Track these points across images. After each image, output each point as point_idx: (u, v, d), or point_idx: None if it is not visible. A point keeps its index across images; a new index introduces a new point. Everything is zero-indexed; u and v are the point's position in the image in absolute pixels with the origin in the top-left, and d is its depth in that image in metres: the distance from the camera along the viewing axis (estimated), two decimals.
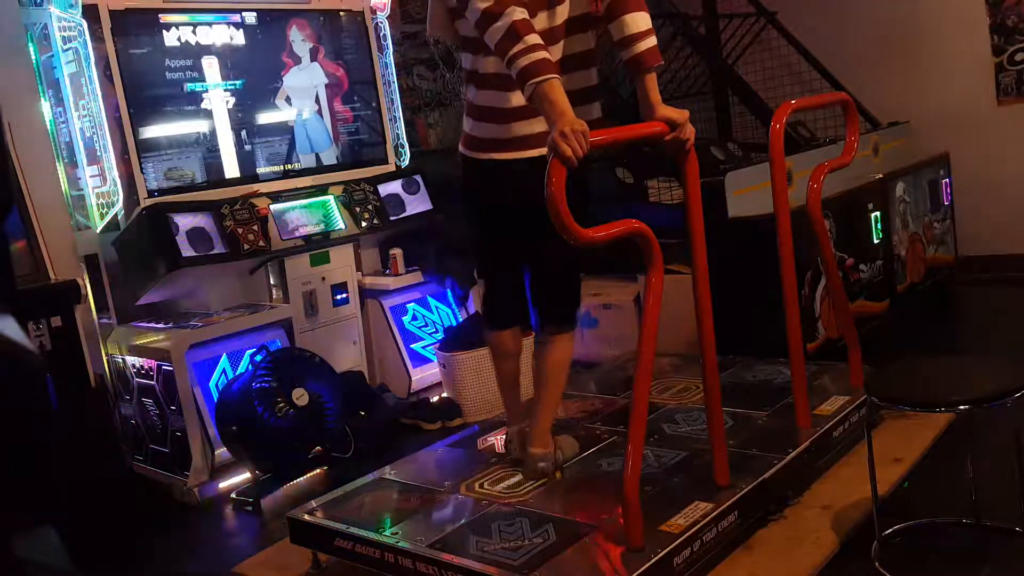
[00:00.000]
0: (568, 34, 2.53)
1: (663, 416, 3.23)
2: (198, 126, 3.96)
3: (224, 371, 3.81)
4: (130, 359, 3.79)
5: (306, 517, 2.78)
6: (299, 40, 4.35)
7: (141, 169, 3.75)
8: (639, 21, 2.44)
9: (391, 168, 4.65)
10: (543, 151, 2.37)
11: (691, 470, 2.74)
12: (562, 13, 2.47)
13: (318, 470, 3.71)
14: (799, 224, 3.09)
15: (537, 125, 2.44)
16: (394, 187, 4.50)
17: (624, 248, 2.47)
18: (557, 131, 2.07)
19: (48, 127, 3.79)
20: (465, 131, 2.68)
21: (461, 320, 4.55)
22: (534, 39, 2.19)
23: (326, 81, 4.46)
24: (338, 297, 4.22)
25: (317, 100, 4.43)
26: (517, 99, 2.42)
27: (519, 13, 2.23)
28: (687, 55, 5.37)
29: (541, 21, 2.43)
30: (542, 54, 2.18)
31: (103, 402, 3.72)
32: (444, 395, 4.24)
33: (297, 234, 4.04)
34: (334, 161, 4.46)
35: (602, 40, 2.67)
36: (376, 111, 4.64)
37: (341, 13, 4.52)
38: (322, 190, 4.24)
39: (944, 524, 2.58)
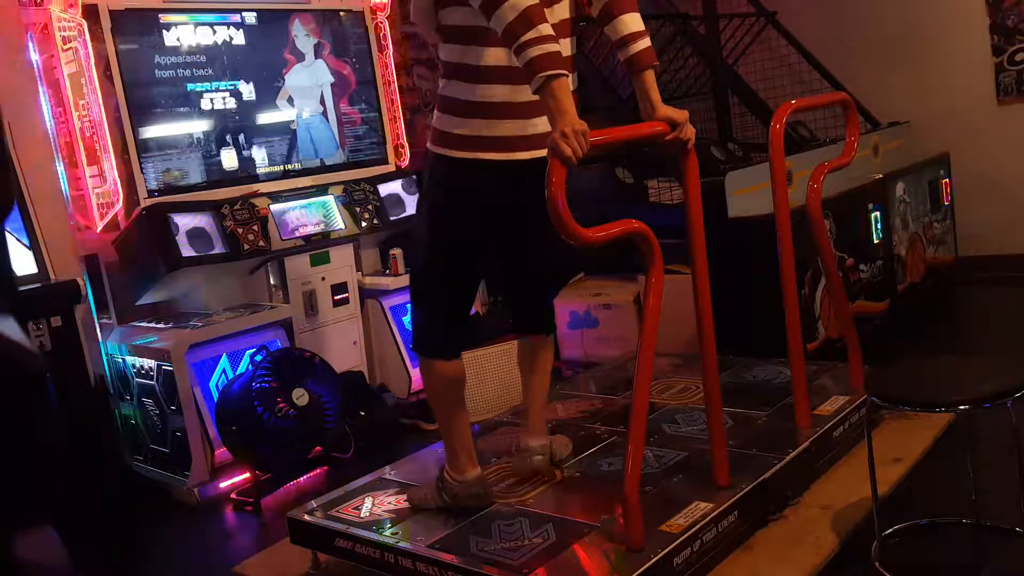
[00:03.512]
0: (560, 38, 2.50)
1: (663, 416, 3.23)
2: (198, 126, 3.96)
3: (224, 371, 3.81)
4: (130, 359, 3.79)
5: (306, 517, 2.78)
6: (302, 35, 4.35)
7: (141, 169, 3.75)
8: (633, 22, 2.44)
9: (391, 168, 4.65)
10: (530, 154, 2.38)
11: (691, 470, 2.74)
12: (559, 13, 2.46)
13: (318, 470, 3.72)
14: (799, 224, 3.09)
15: (524, 127, 2.38)
16: (394, 187, 4.51)
17: (625, 248, 2.47)
18: (558, 131, 2.06)
19: (48, 127, 3.79)
20: (441, 128, 2.44)
21: None
22: (547, 29, 2.10)
23: (331, 80, 4.46)
24: (338, 297, 4.22)
25: (322, 101, 4.43)
26: (504, 94, 2.36)
27: None
28: (687, 55, 5.37)
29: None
30: (554, 47, 2.10)
31: (103, 402, 3.72)
32: None
33: (297, 234, 4.04)
34: (334, 161, 4.46)
35: (601, 39, 2.65)
36: (376, 111, 4.64)
37: (341, 13, 4.52)
38: (322, 190, 4.24)
39: (944, 524, 2.58)
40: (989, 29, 5.30)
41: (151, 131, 3.81)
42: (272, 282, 4.07)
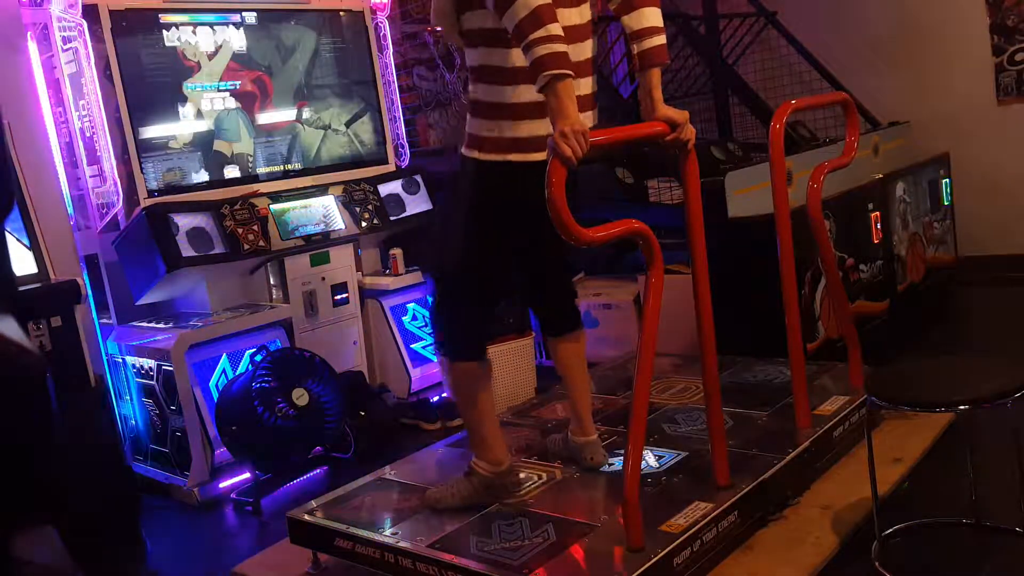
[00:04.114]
0: (581, 39, 2.49)
1: (663, 416, 3.23)
2: (198, 126, 3.96)
3: (224, 371, 3.81)
4: (130, 359, 3.79)
5: (306, 517, 2.78)
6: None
7: (141, 169, 3.75)
8: (653, 16, 2.44)
9: (391, 168, 4.65)
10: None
11: (691, 470, 2.74)
12: (585, 14, 2.47)
13: (318, 470, 3.72)
14: (799, 224, 3.09)
15: (547, 127, 2.32)
16: (394, 187, 4.51)
17: (625, 248, 2.47)
18: (558, 131, 2.07)
19: (48, 127, 3.79)
20: (474, 133, 2.49)
21: None
22: (556, 29, 2.12)
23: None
24: (338, 297, 4.22)
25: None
26: (529, 95, 2.33)
27: None
28: (687, 55, 5.37)
29: (563, 18, 2.30)
30: (561, 47, 2.11)
31: (103, 402, 3.72)
32: (444, 395, 4.23)
33: (297, 234, 4.04)
34: (334, 161, 4.46)
35: (602, 40, 2.66)
36: (376, 111, 4.64)
37: (341, 13, 4.52)
38: (322, 190, 4.24)
39: (944, 524, 2.58)
40: (989, 29, 5.29)
41: (151, 131, 3.80)
42: (272, 282, 4.07)
